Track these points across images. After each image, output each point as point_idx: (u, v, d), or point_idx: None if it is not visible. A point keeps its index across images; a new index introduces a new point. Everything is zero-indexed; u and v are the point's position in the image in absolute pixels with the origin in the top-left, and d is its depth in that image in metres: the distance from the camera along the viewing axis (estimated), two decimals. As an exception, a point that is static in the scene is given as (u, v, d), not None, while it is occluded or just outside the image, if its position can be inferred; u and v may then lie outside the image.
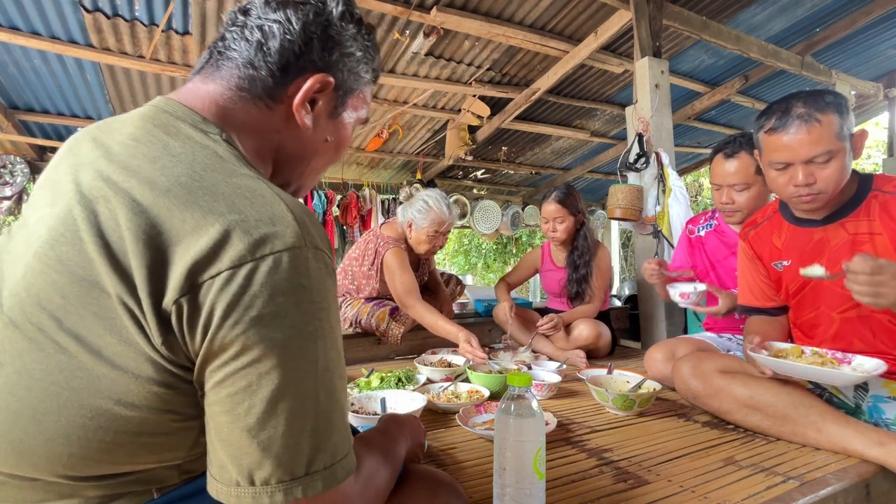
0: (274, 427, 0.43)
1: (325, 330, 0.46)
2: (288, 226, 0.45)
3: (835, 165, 1.14)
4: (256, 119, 0.58)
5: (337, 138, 0.66)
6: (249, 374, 0.42)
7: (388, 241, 2.27)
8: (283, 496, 0.43)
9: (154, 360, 0.44)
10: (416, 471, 0.74)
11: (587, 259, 2.30)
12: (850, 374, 1.10)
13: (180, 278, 0.42)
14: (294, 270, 0.44)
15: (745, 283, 1.48)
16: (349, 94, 0.64)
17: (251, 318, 0.42)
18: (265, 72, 0.57)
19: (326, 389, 0.46)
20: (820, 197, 1.17)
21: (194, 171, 0.47)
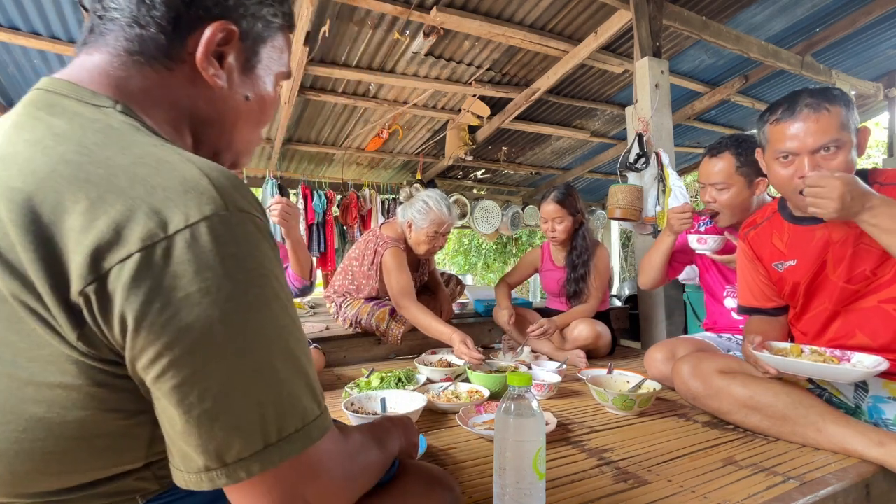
0: (234, 407, 0.40)
1: (269, 296, 0.42)
2: (203, 191, 0.40)
3: (841, 158, 1.13)
4: (157, 84, 0.51)
5: (257, 95, 0.59)
6: (192, 361, 0.38)
7: (387, 240, 2.27)
8: (260, 465, 0.41)
9: (75, 360, 0.39)
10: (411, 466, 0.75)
11: (586, 259, 2.30)
12: (854, 370, 1.09)
13: (82, 266, 0.37)
14: (217, 240, 0.39)
15: (744, 283, 1.48)
16: (260, 42, 0.57)
17: (178, 300, 0.37)
18: (154, 28, 0.50)
19: (283, 356, 0.43)
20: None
21: (83, 146, 0.41)
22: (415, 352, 2.31)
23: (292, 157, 5.01)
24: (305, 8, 2.53)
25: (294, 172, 5.32)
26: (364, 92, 3.78)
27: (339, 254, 5.35)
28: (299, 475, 0.44)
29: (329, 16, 2.79)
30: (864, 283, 1.20)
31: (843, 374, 1.12)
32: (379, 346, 2.39)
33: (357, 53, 3.22)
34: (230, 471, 0.40)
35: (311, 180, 5.30)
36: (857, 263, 1.20)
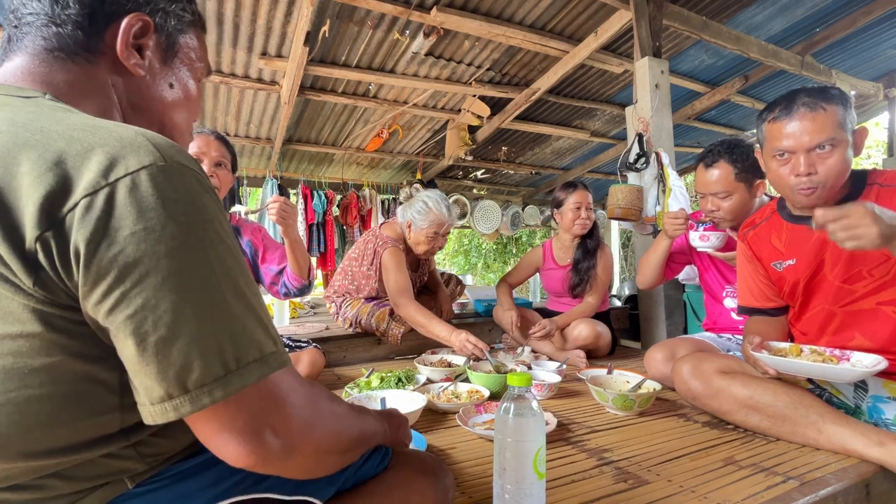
0: (188, 333, 0.42)
1: (213, 239, 0.45)
2: (140, 146, 0.43)
3: (837, 156, 1.14)
4: (81, 76, 0.54)
5: (181, 84, 0.63)
6: (143, 291, 0.40)
7: (386, 240, 2.27)
8: (223, 390, 0.42)
9: (32, 308, 0.41)
10: (403, 455, 0.75)
11: (595, 248, 2.33)
12: (853, 370, 1.10)
13: (36, 215, 0.39)
14: (157, 187, 0.42)
15: (744, 283, 1.48)
16: (175, 35, 0.62)
17: (125, 236, 0.40)
18: (71, 25, 0.54)
19: (234, 293, 0.45)
20: (820, 190, 1.17)
21: (14, 122, 0.44)
22: (415, 352, 2.31)
23: (292, 157, 5.01)
24: (305, 8, 2.53)
25: (294, 172, 5.32)
26: (364, 92, 3.78)
27: (338, 254, 5.35)
28: (263, 403, 0.45)
29: (329, 16, 2.79)
30: (861, 283, 1.20)
31: (841, 373, 1.12)
32: (379, 346, 2.39)
33: (357, 53, 3.22)
34: (193, 397, 0.42)
35: (311, 180, 5.30)
36: (854, 264, 1.20)
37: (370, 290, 2.38)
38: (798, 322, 1.38)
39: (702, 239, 1.67)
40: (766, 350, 1.28)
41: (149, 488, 0.52)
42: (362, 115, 4.16)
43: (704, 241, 1.67)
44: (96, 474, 0.49)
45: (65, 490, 0.48)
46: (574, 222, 2.32)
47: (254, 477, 0.57)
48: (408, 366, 1.92)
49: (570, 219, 2.33)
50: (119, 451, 0.49)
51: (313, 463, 0.52)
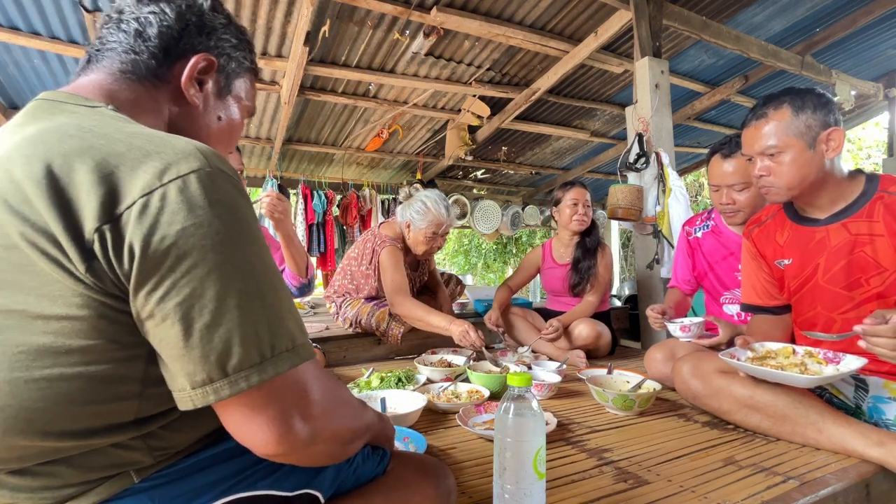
0: (229, 320, 0.46)
1: (251, 237, 0.50)
2: (190, 154, 0.48)
3: (785, 159, 1.19)
4: (144, 97, 0.62)
5: (227, 118, 0.72)
6: (192, 281, 0.45)
7: (385, 239, 2.27)
8: (259, 377, 0.46)
9: (82, 293, 0.45)
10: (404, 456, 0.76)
11: (595, 246, 2.33)
12: (801, 377, 1.10)
13: (96, 210, 0.44)
14: (204, 188, 0.47)
15: (748, 281, 1.48)
16: (233, 77, 0.71)
17: (176, 231, 0.45)
18: (147, 55, 0.62)
19: (270, 287, 0.50)
20: (774, 191, 1.24)
21: (83, 126, 0.50)
22: (415, 352, 2.30)
23: (292, 157, 5.01)
24: (305, 8, 2.53)
25: (294, 172, 5.32)
26: (364, 92, 3.78)
27: (339, 254, 5.35)
28: (291, 391, 0.49)
29: (329, 16, 2.79)
30: (859, 290, 1.20)
31: (797, 380, 1.11)
32: (379, 346, 2.39)
33: (357, 53, 3.22)
34: (232, 381, 0.46)
35: (311, 180, 5.30)
36: (852, 272, 1.20)
37: (370, 290, 2.38)
38: (799, 321, 1.38)
39: (683, 330, 1.63)
40: (751, 350, 1.28)
41: (154, 483, 0.53)
42: (362, 115, 4.16)
43: (686, 333, 1.63)
44: (105, 464, 0.51)
45: (72, 479, 0.50)
46: (571, 218, 2.33)
47: (257, 474, 0.58)
48: (408, 366, 1.92)
49: (567, 215, 2.34)
50: (129, 441, 0.52)
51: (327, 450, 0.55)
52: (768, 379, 1.18)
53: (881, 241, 1.16)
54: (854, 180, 1.23)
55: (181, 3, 0.65)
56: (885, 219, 1.16)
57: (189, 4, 0.65)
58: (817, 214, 1.26)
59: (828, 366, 1.17)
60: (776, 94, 1.22)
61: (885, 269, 1.16)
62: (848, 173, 1.23)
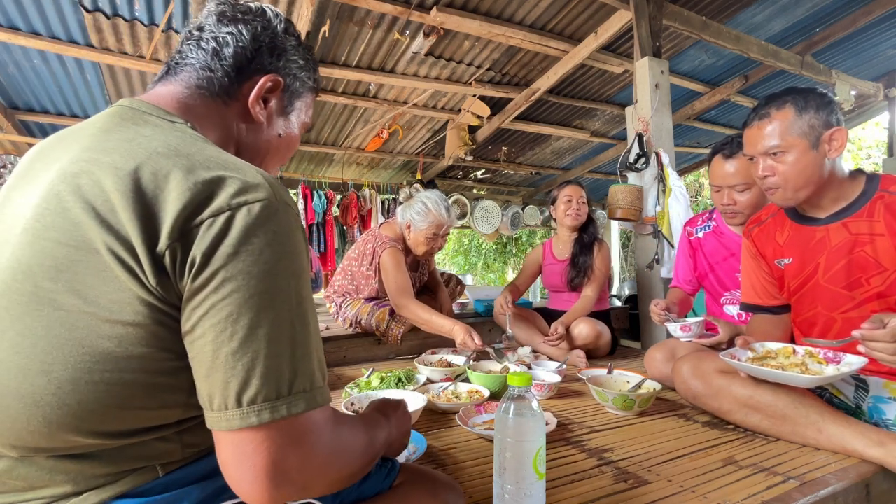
0: (255, 350, 0.47)
1: (297, 270, 0.52)
2: (260, 184, 0.51)
3: (788, 159, 1.18)
4: (215, 112, 0.66)
5: (287, 135, 0.75)
6: (231, 304, 0.47)
7: (385, 240, 2.27)
8: (270, 414, 0.47)
9: (149, 303, 0.48)
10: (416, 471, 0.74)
11: (592, 241, 2.36)
12: (801, 377, 1.10)
13: (171, 226, 0.47)
14: (266, 218, 0.49)
15: (748, 281, 1.48)
16: (296, 96, 0.74)
17: (229, 254, 0.47)
18: (221, 73, 0.66)
19: (301, 321, 0.51)
20: (779, 192, 1.23)
21: (169, 144, 0.52)
22: (415, 352, 2.30)
23: (292, 157, 5.01)
24: (305, 8, 2.53)
25: (294, 172, 5.32)
26: (364, 92, 3.79)
27: (338, 254, 5.35)
28: (292, 437, 0.49)
29: (329, 16, 2.79)
30: (860, 290, 1.20)
31: (796, 380, 1.11)
32: (379, 346, 2.39)
33: (357, 53, 3.22)
34: (244, 413, 0.47)
35: (311, 180, 5.31)
36: (852, 271, 1.20)
37: (370, 291, 2.38)
38: (798, 321, 1.38)
39: (683, 330, 1.64)
40: (751, 350, 1.28)
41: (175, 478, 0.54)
42: (362, 115, 4.16)
43: (687, 332, 1.63)
44: (138, 456, 0.53)
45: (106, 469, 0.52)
46: (566, 213, 2.37)
47: None
48: (408, 366, 1.92)
49: (561, 210, 2.39)
50: (166, 435, 0.54)
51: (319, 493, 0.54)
52: (769, 379, 1.17)
53: (881, 240, 1.16)
54: (854, 180, 1.23)
55: (257, 25, 0.68)
56: (886, 218, 1.16)
57: (264, 27, 0.69)
58: (817, 214, 1.26)
59: (828, 366, 1.17)
60: (778, 93, 1.22)
61: (885, 268, 1.16)
62: (848, 173, 1.23)
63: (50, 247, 0.48)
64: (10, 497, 0.51)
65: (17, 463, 0.50)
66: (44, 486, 0.50)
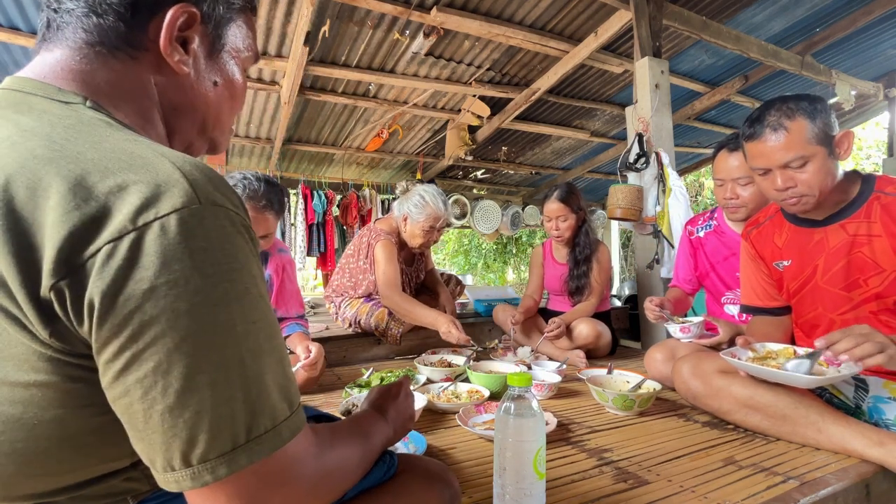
0: (199, 402, 0.38)
1: (240, 292, 0.41)
2: (174, 185, 0.39)
3: (811, 168, 1.15)
4: (123, 75, 0.50)
5: (226, 80, 0.59)
6: (157, 353, 0.37)
7: (380, 233, 2.29)
8: (227, 468, 0.39)
9: (48, 357, 0.39)
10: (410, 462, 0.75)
11: (588, 255, 2.31)
12: (802, 378, 1.09)
13: (54, 260, 0.36)
14: (187, 233, 0.38)
15: (747, 282, 1.48)
16: (223, 24, 0.56)
17: (144, 290, 0.37)
18: (112, 16, 0.49)
19: (252, 353, 0.41)
20: (805, 200, 1.19)
21: (52, 141, 0.40)
22: (415, 352, 2.30)
23: (292, 157, 5.01)
24: (305, 8, 2.53)
25: (294, 172, 5.32)
26: (364, 92, 3.78)
27: (339, 254, 5.35)
28: (267, 480, 0.42)
29: (329, 16, 2.79)
30: (858, 291, 1.20)
31: (796, 380, 1.11)
32: (379, 346, 2.39)
33: (357, 53, 3.22)
34: (195, 472, 0.39)
35: (311, 180, 5.30)
36: (852, 271, 1.20)
37: (368, 285, 2.38)
38: (799, 322, 1.38)
39: (683, 331, 1.63)
40: (752, 350, 1.28)
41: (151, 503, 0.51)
42: (362, 115, 4.16)
43: (686, 334, 1.63)
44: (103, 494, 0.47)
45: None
46: (548, 231, 2.37)
47: None
48: (408, 366, 1.92)
49: (547, 227, 2.38)
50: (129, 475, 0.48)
51: None
52: (770, 379, 1.17)
53: (879, 241, 1.16)
54: (851, 181, 1.23)
55: None
56: (883, 219, 1.17)
57: None
58: (815, 216, 1.26)
59: (829, 367, 1.17)
60: (777, 105, 1.18)
61: (883, 269, 1.16)
62: (844, 174, 1.23)
63: None
64: None
65: None
66: None
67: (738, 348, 1.28)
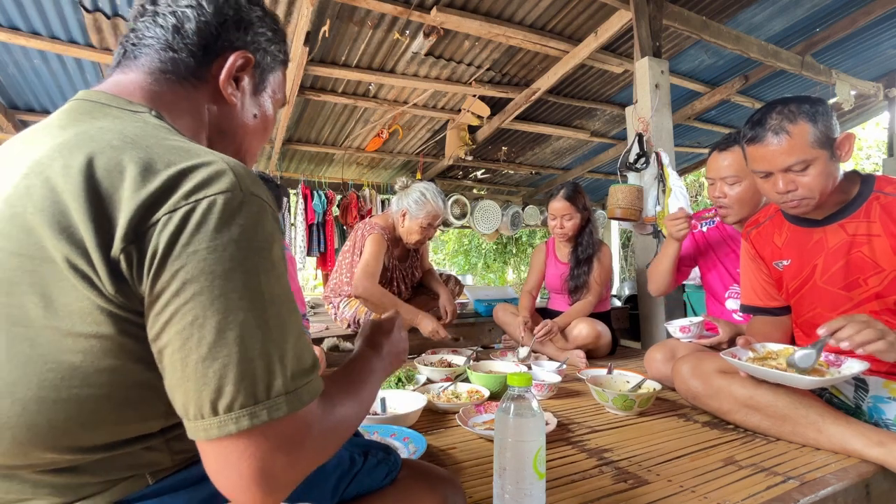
0: (227, 356, 0.44)
1: (268, 265, 0.48)
2: (223, 175, 0.47)
3: (813, 172, 1.15)
4: (184, 98, 0.61)
5: (262, 115, 0.71)
6: (195, 308, 0.43)
7: (374, 226, 2.30)
8: (250, 420, 0.44)
9: (110, 312, 0.44)
10: (415, 466, 0.74)
11: (590, 254, 2.31)
12: (803, 379, 1.09)
13: (125, 227, 0.43)
14: (229, 211, 0.45)
15: (747, 282, 1.48)
16: (267, 72, 0.69)
17: (189, 253, 0.43)
18: (185, 53, 0.60)
19: (276, 319, 0.47)
20: (805, 202, 1.19)
21: (125, 135, 0.49)
22: (415, 352, 2.30)
23: (292, 157, 5.01)
24: (305, 8, 2.53)
25: (294, 172, 5.32)
26: (364, 92, 3.78)
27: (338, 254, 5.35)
28: (278, 440, 0.45)
29: (329, 16, 2.79)
30: (857, 290, 1.20)
31: (797, 381, 1.11)
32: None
33: (357, 53, 3.22)
34: (221, 421, 0.43)
35: (311, 180, 5.30)
36: (851, 271, 1.20)
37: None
38: (799, 322, 1.38)
39: (682, 331, 1.64)
40: (752, 350, 1.28)
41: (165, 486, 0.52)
42: (362, 115, 4.15)
43: (686, 333, 1.64)
44: (126, 465, 0.50)
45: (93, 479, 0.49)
46: (552, 229, 2.37)
47: None
48: (408, 366, 1.92)
49: (550, 225, 2.38)
50: (153, 444, 0.52)
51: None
52: (770, 380, 1.17)
53: (878, 241, 1.17)
54: (850, 181, 1.23)
55: None
56: (882, 219, 1.17)
57: None
58: (815, 215, 1.26)
59: (829, 368, 1.17)
60: (779, 108, 1.17)
61: (882, 268, 1.16)
62: (843, 174, 1.23)
63: (2, 258, 0.45)
64: None
65: None
66: (28, 498, 0.48)
67: (738, 348, 1.28)
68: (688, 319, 1.67)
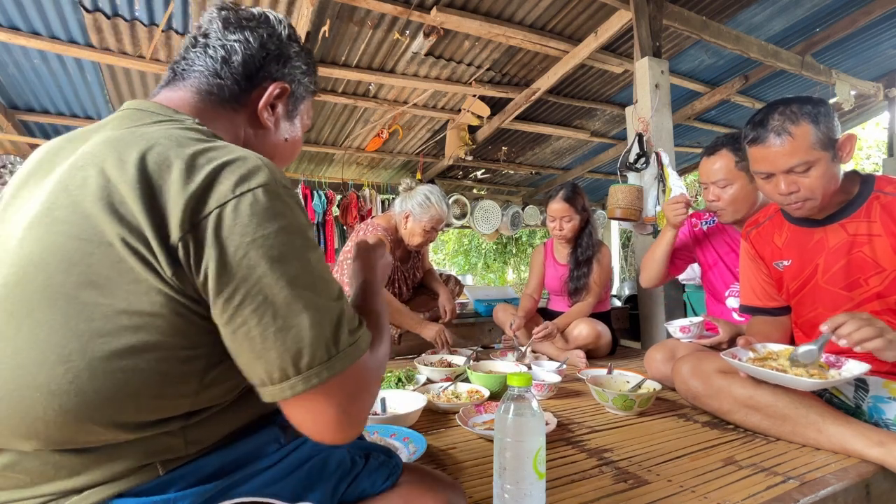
0: (299, 323, 0.51)
1: (311, 245, 0.55)
2: (260, 170, 0.54)
3: (815, 173, 1.15)
4: (225, 119, 0.69)
5: (292, 138, 0.79)
6: (263, 289, 0.50)
7: (377, 227, 2.29)
8: (328, 372, 0.52)
9: (164, 293, 0.50)
10: (417, 471, 0.74)
11: (589, 255, 2.31)
12: (804, 381, 1.09)
13: (180, 218, 0.49)
14: (272, 202, 0.52)
15: (747, 282, 1.48)
16: (299, 101, 0.78)
17: (247, 243, 0.50)
18: (231, 81, 0.69)
19: (329, 290, 0.55)
20: (808, 203, 1.19)
21: (171, 136, 0.55)
22: (415, 352, 2.30)
23: (292, 157, 5.01)
24: (305, 8, 2.53)
25: (294, 172, 5.32)
26: (364, 92, 3.78)
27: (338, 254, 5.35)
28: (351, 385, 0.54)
29: (329, 16, 2.79)
30: (858, 290, 1.20)
31: (797, 383, 1.11)
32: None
33: (357, 53, 3.22)
34: (306, 377, 0.51)
35: (311, 180, 5.30)
36: (852, 271, 1.20)
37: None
38: (799, 323, 1.38)
39: (682, 331, 1.64)
40: (753, 351, 1.28)
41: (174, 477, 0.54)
42: (362, 115, 4.15)
43: (686, 333, 1.64)
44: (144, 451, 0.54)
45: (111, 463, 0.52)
46: (552, 230, 2.36)
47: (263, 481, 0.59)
48: (408, 366, 1.92)
49: (550, 228, 2.38)
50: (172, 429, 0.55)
51: None
52: (770, 381, 1.17)
53: (879, 240, 1.16)
54: (850, 181, 1.23)
55: (263, 33, 0.71)
56: (882, 219, 1.17)
57: (270, 34, 0.71)
58: (816, 215, 1.26)
59: (829, 369, 1.17)
60: (781, 109, 1.17)
61: (883, 268, 1.16)
62: (844, 174, 1.23)
63: (61, 241, 0.49)
64: (10, 494, 0.51)
65: (22, 457, 0.51)
66: (47, 481, 0.51)
67: (738, 349, 1.28)
68: (688, 319, 1.67)
